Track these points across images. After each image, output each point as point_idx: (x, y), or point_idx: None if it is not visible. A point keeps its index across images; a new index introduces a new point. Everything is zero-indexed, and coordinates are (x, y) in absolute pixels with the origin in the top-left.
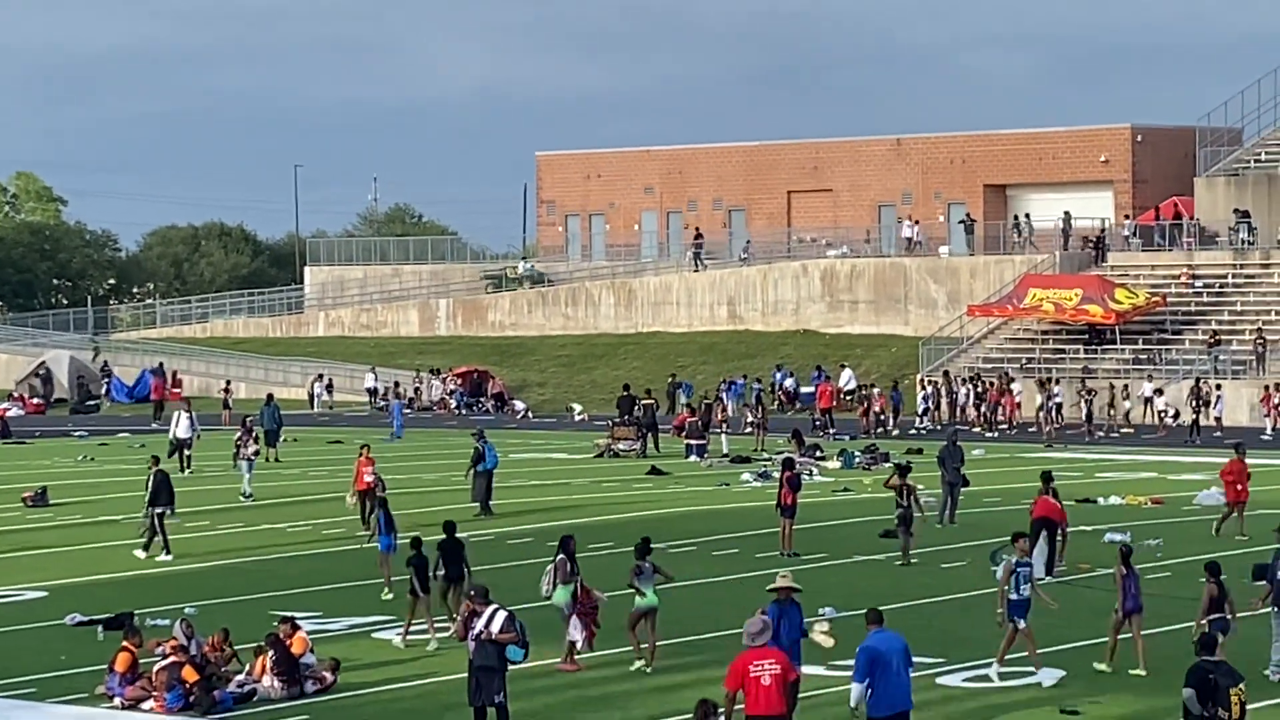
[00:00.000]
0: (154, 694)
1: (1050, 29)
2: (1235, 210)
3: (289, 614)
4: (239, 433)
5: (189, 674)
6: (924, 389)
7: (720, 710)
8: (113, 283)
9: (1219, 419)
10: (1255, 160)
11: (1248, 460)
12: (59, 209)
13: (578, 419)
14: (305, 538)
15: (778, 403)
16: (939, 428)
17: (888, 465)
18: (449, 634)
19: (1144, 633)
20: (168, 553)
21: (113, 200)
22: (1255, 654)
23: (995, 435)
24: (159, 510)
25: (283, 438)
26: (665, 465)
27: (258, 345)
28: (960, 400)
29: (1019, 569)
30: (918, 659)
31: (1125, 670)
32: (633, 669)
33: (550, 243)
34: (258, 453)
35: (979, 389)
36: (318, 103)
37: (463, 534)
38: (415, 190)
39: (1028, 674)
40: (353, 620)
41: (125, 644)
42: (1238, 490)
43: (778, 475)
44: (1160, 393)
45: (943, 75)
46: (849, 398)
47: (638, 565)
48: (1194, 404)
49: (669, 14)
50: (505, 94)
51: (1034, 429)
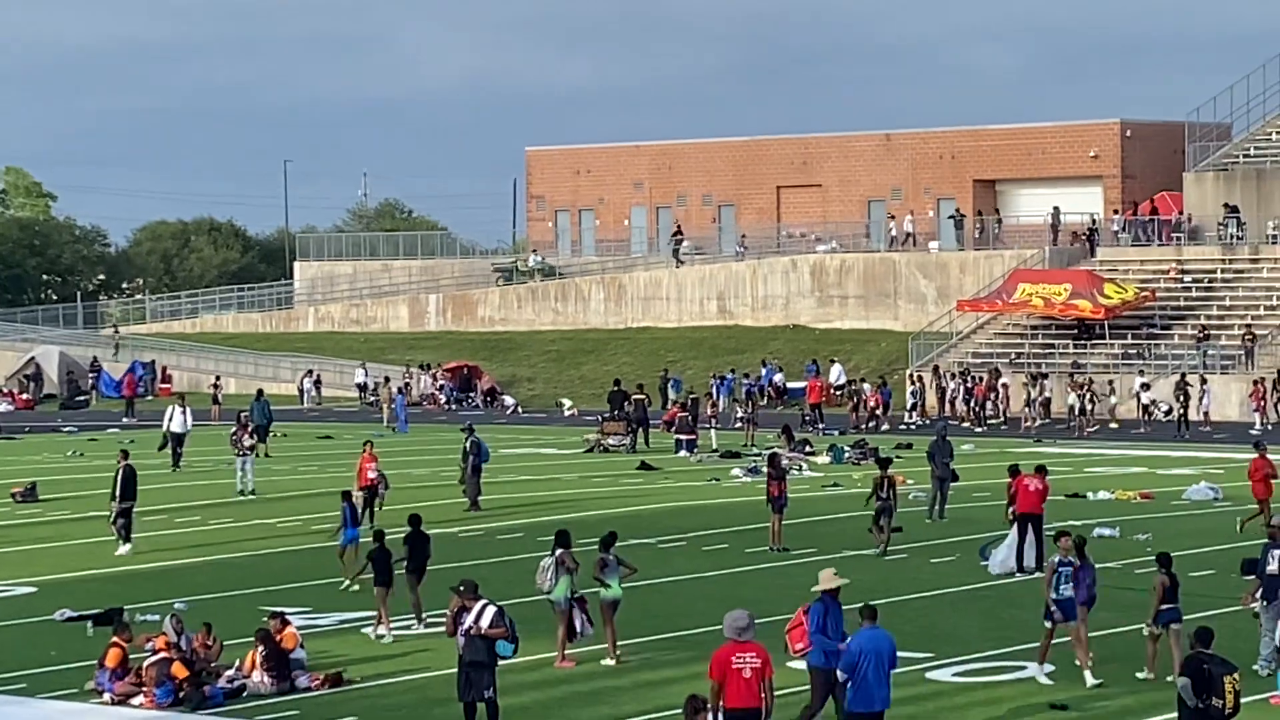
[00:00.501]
0: (144, 690)
1: (1040, 24)
2: (1225, 205)
3: (279, 609)
4: (234, 428)
5: (179, 670)
6: (913, 384)
7: (709, 705)
8: (102, 278)
9: (1206, 414)
10: (1244, 155)
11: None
12: (48, 204)
13: (567, 414)
14: (295, 533)
15: (767, 398)
16: (927, 422)
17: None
18: (413, 630)
19: (1130, 626)
20: (125, 544)
21: (102, 195)
22: (1243, 648)
23: (984, 430)
24: (126, 505)
25: (272, 433)
26: (655, 460)
27: (247, 341)
28: (949, 395)
29: (1061, 568)
30: (907, 654)
31: (1103, 665)
32: (603, 662)
33: (540, 238)
34: (253, 448)
35: (968, 384)
36: (308, 98)
37: (454, 529)
38: (405, 185)
39: (1018, 669)
40: (343, 615)
41: (116, 640)
42: (1268, 486)
43: (766, 471)
44: (1148, 387)
45: (932, 70)
46: (839, 393)
47: (602, 558)
48: (1180, 398)
49: (658, 9)
50: (495, 89)
51: (1027, 424)
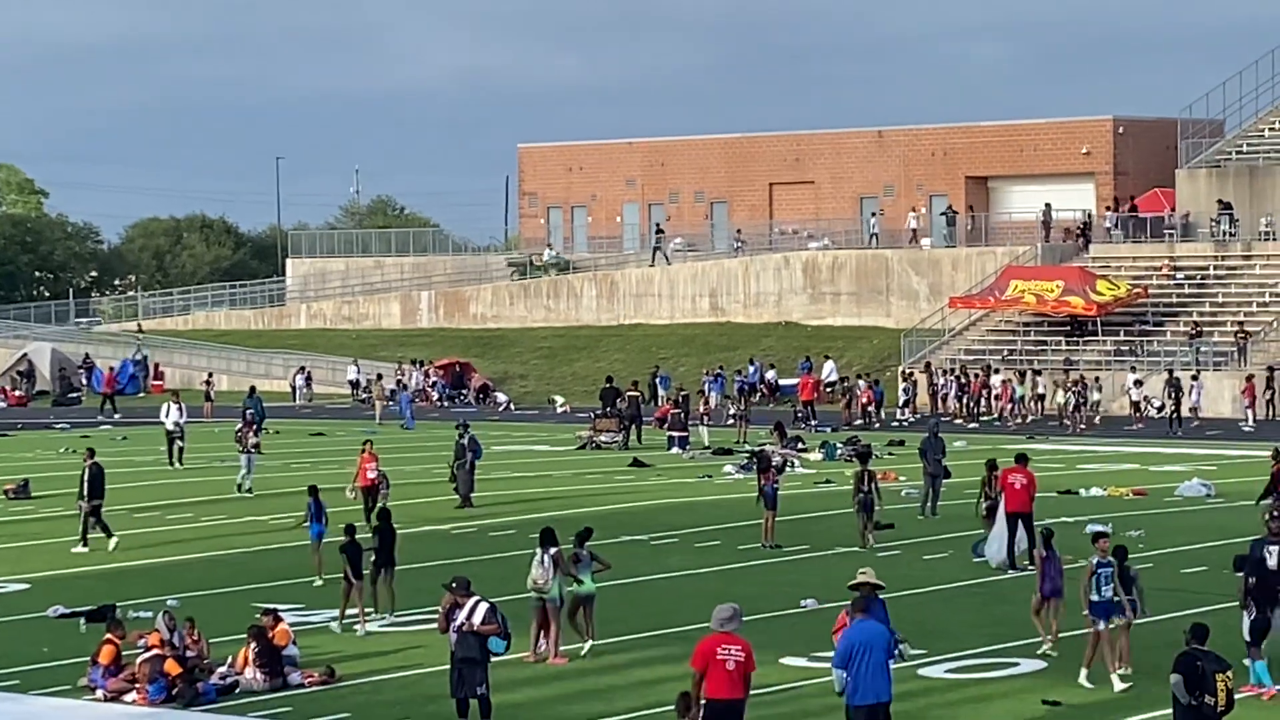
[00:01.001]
0: (137, 686)
1: (1032, 20)
2: (1219, 201)
3: (271, 606)
4: (239, 425)
5: (171, 667)
6: (905, 381)
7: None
8: (94, 275)
9: (1194, 409)
10: (1237, 152)
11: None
12: (40, 201)
13: (560, 411)
14: (288, 530)
15: (759, 394)
16: (917, 418)
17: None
18: (380, 625)
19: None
20: (84, 545)
21: (94, 192)
22: (1237, 644)
23: (977, 426)
24: (95, 504)
25: (265, 430)
26: (647, 457)
27: (240, 337)
28: (939, 391)
29: (1099, 570)
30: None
31: (1096, 661)
32: (583, 654)
33: (532, 235)
34: (257, 445)
35: (961, 380)
36: (300, 94)
37: (446, 526)
38: (397, 182)
39: (1010, 665)
40: (334, 612)
41: (109, 636)
42: None
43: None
44: (1140, 384)
45: (924, 67)
46: (829, 390)
47: (575, 553)
48: (1171, 395)
49: (650, 5)
50: (488, 85)
51: (1019, 420)
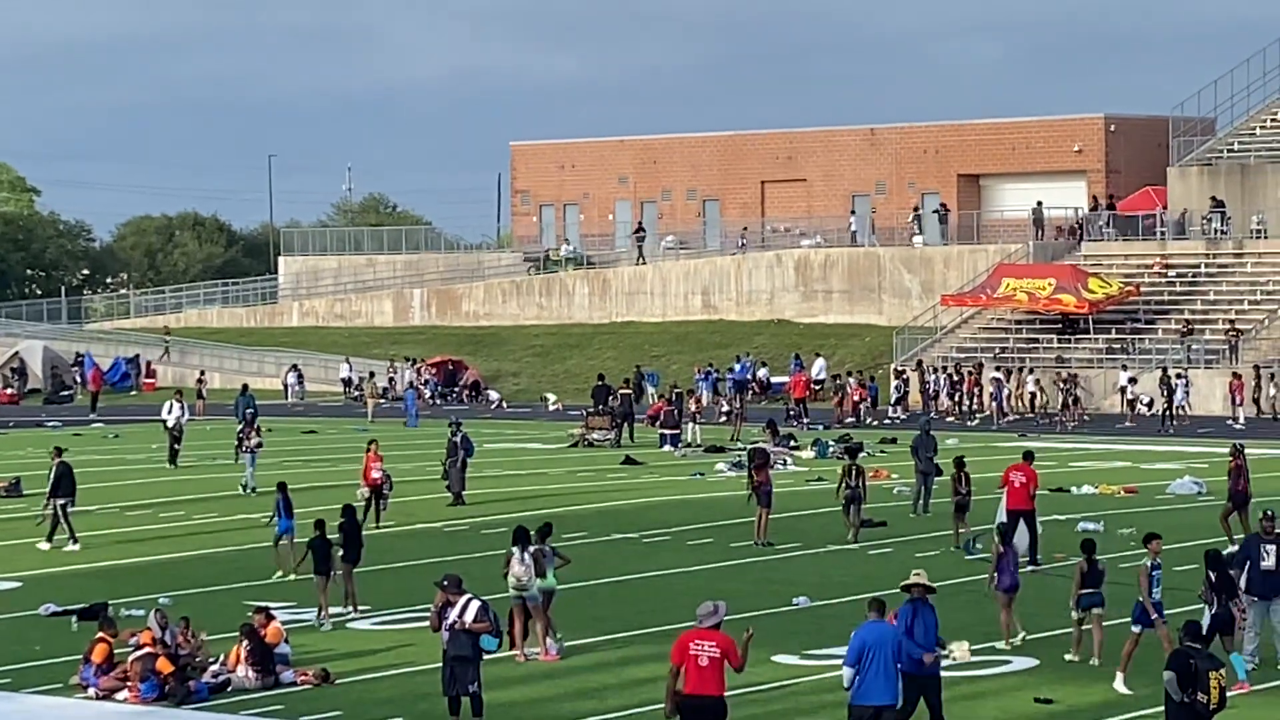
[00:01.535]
0: (129, 685)
1: (1023, 18)
2: (1212, 199)
3: (263, 604)
4: (241, 425)
5: (164, 665)
6: (897, 378)
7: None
8: (87, 273)
9: (1181, 408)
10: (1228, 150)
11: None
12: (32, 199)
13: (552, 409)
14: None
15: (750, 392)
16: (909, 416)
17: (862, 455)
18: (348, 618)
19: (1107, 623)
20: (74, 542)
21: (86, 190)
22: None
23: (976, 423)
24: (61, 501)
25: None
26: (639, 455)
27: (232, 335)
28: (931, 389)
29: (1154, 572)
30: None
31: (1090, 659)
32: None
33: (524, 233)
34: (260, 444)
35: (953, 379)
36: (292, 92)
37: (438, 523)
38: (389, 179)
39: (1003, 662)
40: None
41: (102, 634)
42: None
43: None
44: (1134, 381)
45: (916, 65)
46: (817, 387)
47: (539, 549)
48: (1164, 393)
49: (643, 3)
50: (480, 83)
51: (1011, 418)
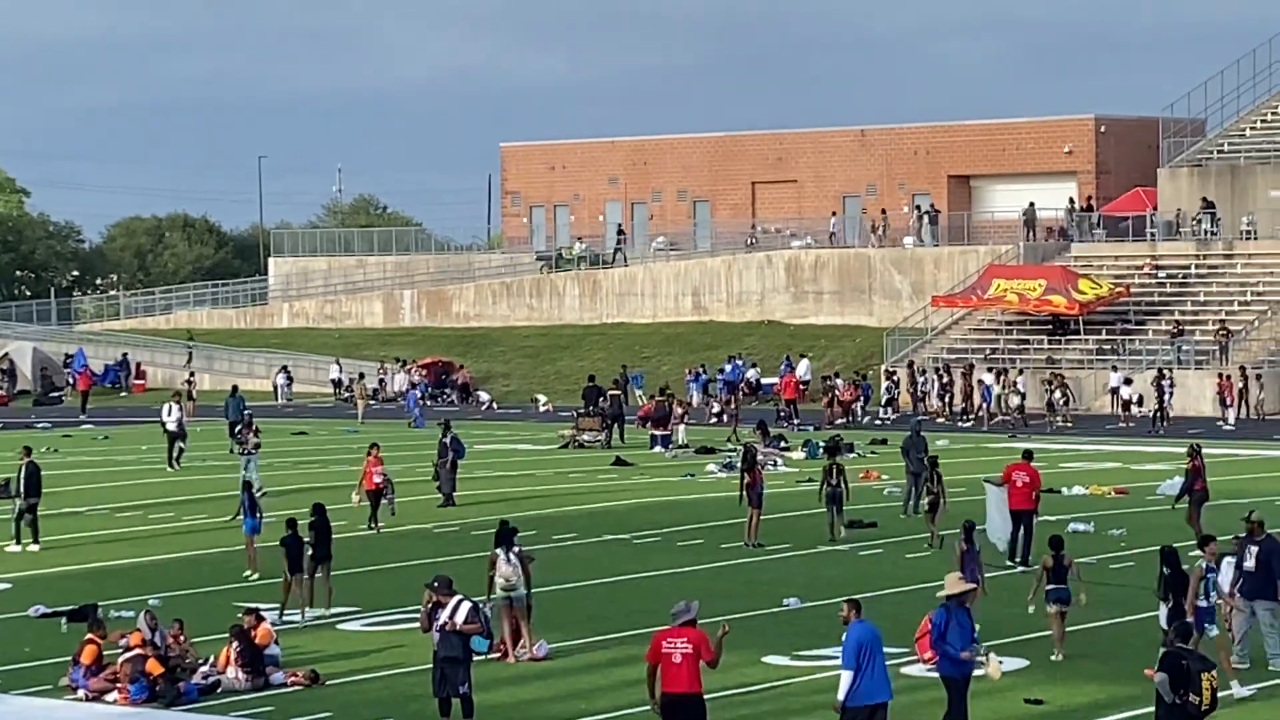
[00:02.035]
0: (118, 686)
1: (1014, 19)
2: (1203, 199)
3: (253, 605)
4: (240, 427)
5: (153, 666)
6: (888, 379)
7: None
8: (76, 274)
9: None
10: (1218, 151)
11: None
12: (22, 200)
13: (542, 409)
14: (269, 529)
15: (740, 393)
16: (898, 417)
17: (852, 455)
18: (316, 617)
19: (1105, 622)
20: (36, 542)
21: (76, 191)
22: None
23: (970, 425)
24: (31, 502)
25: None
26: (630, 456)
27: (222, 337)
28: (920, 389)
29: (1209, 574)
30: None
31: (1079, 659)
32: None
33: (515, 234)
34: (259, 445)
35: (943, 379)
36: (282, 93)
37: (428, 525)
38: (379, 181)
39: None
40: (316, 611)
41: (91, 636)
42: None
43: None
44: (1129, 382)
45: (907, 65)
46: (803, 387)
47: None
48: (1156, 393)
49: (633, 3)
50: (470, 84)
51: (1003, 418)
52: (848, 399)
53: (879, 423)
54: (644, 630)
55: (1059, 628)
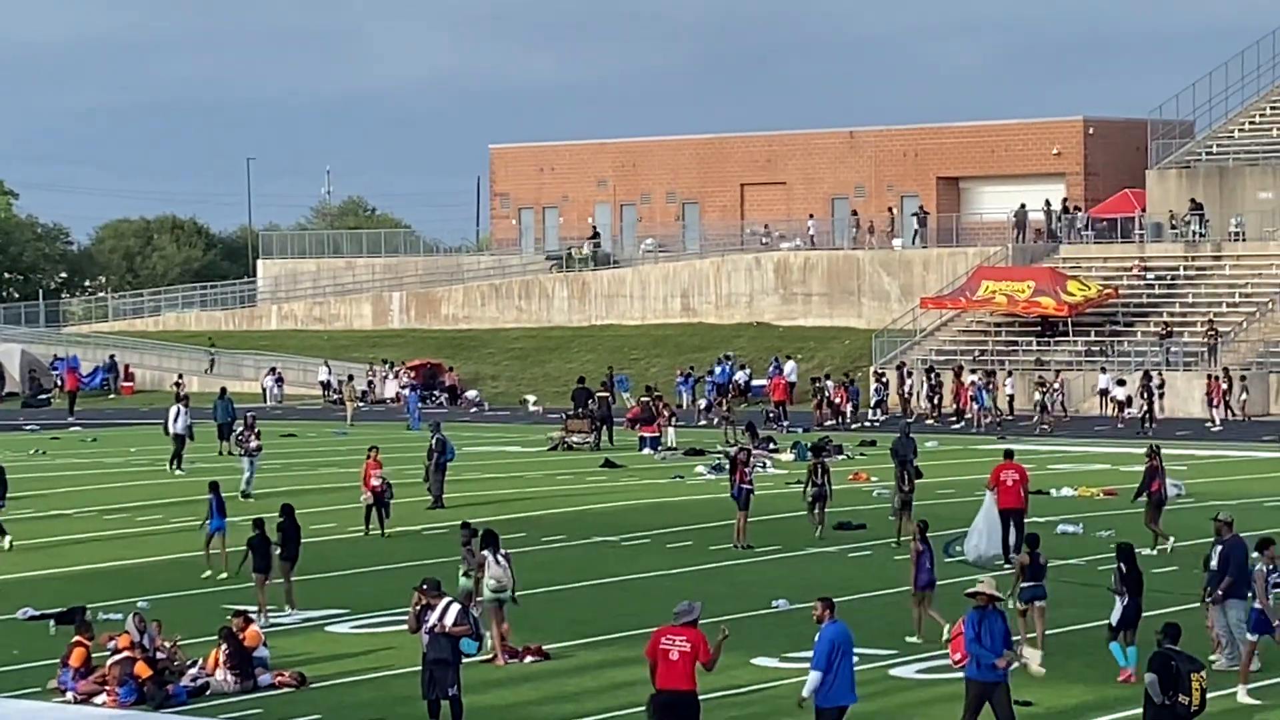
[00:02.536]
0: (107, 689)
1: (1003, 20)
2: (1191, 201)
3: (241, 608)
4: (240, 428)
5: (142, 669)
6: (877, 381)
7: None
8: (64, 276)
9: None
10: (1207, 153)
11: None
12: (10, 202)
13: (533, 409)
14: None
15: (729, 395)
16: (887, 418)
17: (842, 457)
18: (285, 615)
19: (1094, 623)
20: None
21: (65, 193)
22: (1204, 642)
23: (961, 425)
24: None
25: (234, 431)
26: (619, 458)
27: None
28: (907, 390)
29: (1270, 576)
30: (872, 650)
31: (1067, 660)
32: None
33: (504, 236)
34: (260, 448)
35: (931, 381)
36: (271, 94)
37: (417, 526)
38: (368, 182)
39: None
40: (305, 614)
41: (79, 638)
42: None
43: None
44: (1122, 383)
45: (896, 67)
46: (791, 388)
47: (468, 549)
48: (1144, 395)
49: (622, 5)
50: (459, 86)
51: (993, 419)
52: (838, 401)
53: (868, 424)
54: (633, 632)
55: (1039, 624)
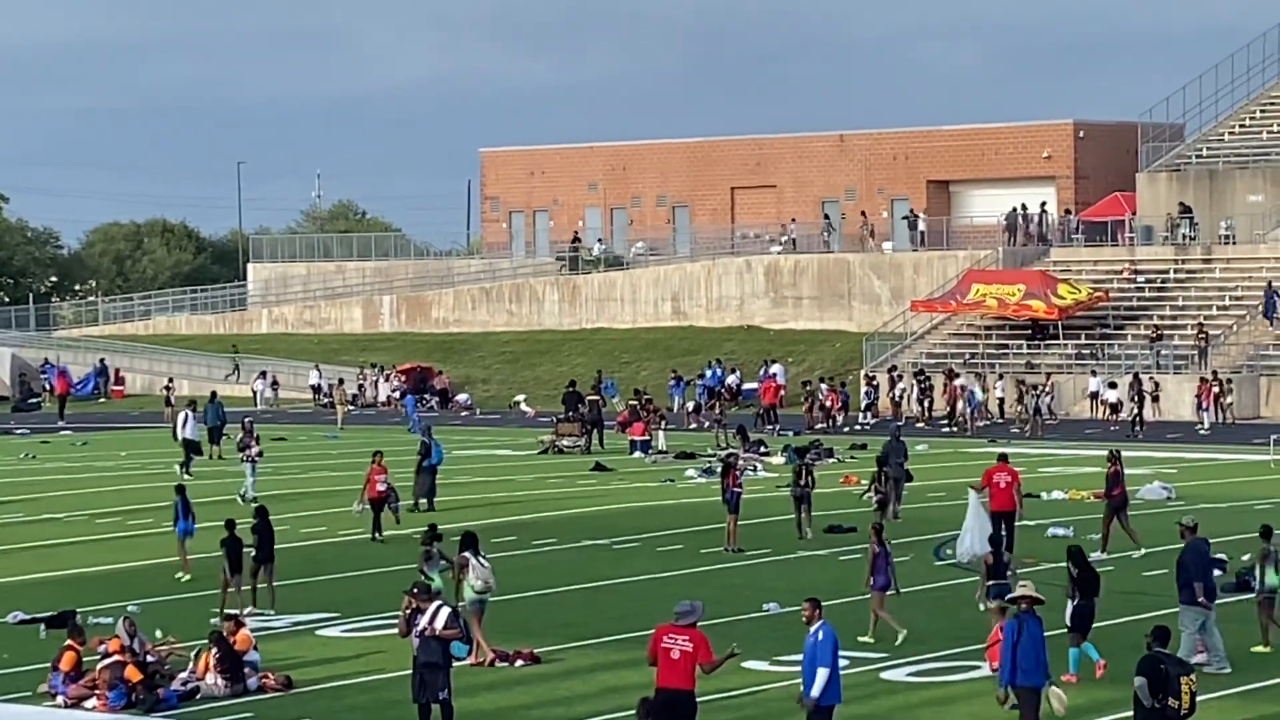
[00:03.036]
0: (97, 693)
1: (993, 24)
2: (1180, 204)
3: (232, 611)
4: (240, 434)
5: (132, 673)
6: (868, 384)
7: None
8: (55, 280)
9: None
10: (1197, 156)
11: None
12: (0, 206)
13: (525, 412)
14: (247, 536)
15: (720, 398)
16: (877, 422)
17: (832, 461)
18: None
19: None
20: None
21: (55, 197)
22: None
23: (953, 430)
24: None
25: (226, 435)
26: (609, 461)
27: (201, 342)
28: (897, 393)
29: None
30: (862, 654)
31: (1056, 663)
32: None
33: (494, 239)
34: (261, 453)
35: (921, 384)
36: (261, 98)
37: (405, 530)
38: (359, 186)
39: (971, 668)
40: (296, 617)
41: (70, 642)
42: None
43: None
44: (1114, 386)
45: (886, 70)
46: (782, 392)
47: (426, 550)
48: (1134, 398)
49: (612, 9)
50: (449, 89)
51: (983, 424)
52: (830, 404)
53: (859, 428)
54: (624, 636)
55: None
